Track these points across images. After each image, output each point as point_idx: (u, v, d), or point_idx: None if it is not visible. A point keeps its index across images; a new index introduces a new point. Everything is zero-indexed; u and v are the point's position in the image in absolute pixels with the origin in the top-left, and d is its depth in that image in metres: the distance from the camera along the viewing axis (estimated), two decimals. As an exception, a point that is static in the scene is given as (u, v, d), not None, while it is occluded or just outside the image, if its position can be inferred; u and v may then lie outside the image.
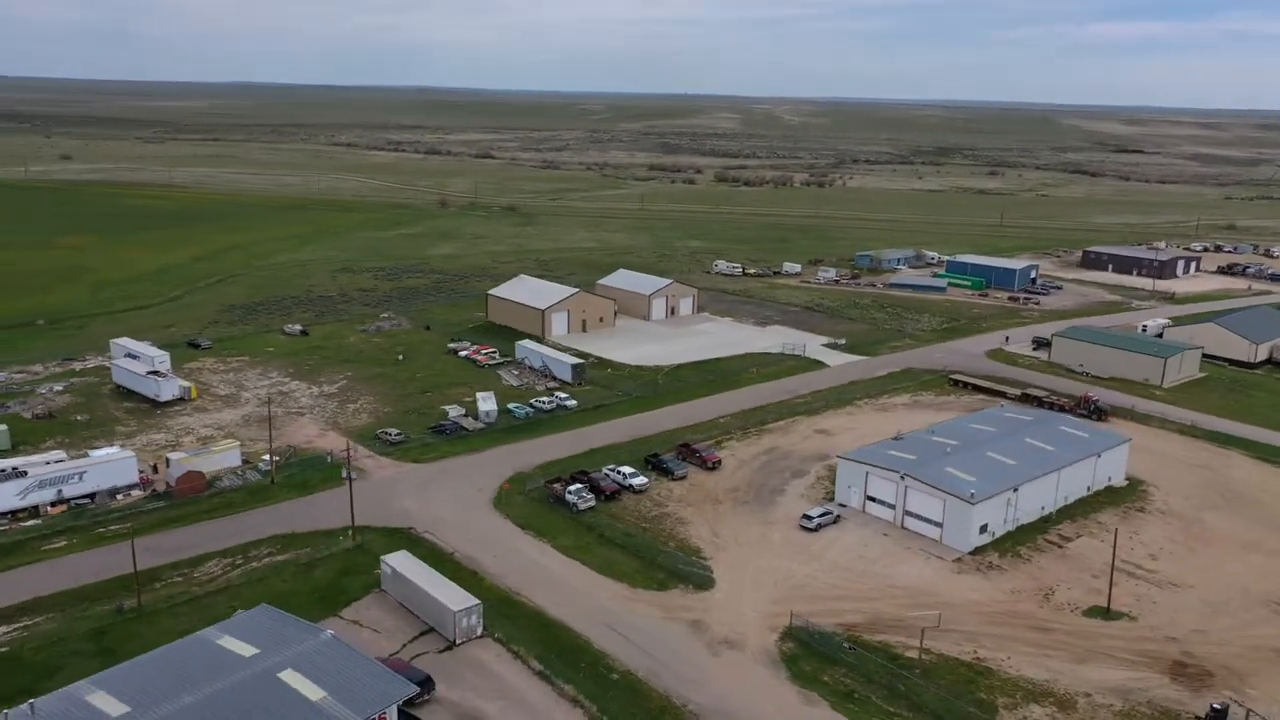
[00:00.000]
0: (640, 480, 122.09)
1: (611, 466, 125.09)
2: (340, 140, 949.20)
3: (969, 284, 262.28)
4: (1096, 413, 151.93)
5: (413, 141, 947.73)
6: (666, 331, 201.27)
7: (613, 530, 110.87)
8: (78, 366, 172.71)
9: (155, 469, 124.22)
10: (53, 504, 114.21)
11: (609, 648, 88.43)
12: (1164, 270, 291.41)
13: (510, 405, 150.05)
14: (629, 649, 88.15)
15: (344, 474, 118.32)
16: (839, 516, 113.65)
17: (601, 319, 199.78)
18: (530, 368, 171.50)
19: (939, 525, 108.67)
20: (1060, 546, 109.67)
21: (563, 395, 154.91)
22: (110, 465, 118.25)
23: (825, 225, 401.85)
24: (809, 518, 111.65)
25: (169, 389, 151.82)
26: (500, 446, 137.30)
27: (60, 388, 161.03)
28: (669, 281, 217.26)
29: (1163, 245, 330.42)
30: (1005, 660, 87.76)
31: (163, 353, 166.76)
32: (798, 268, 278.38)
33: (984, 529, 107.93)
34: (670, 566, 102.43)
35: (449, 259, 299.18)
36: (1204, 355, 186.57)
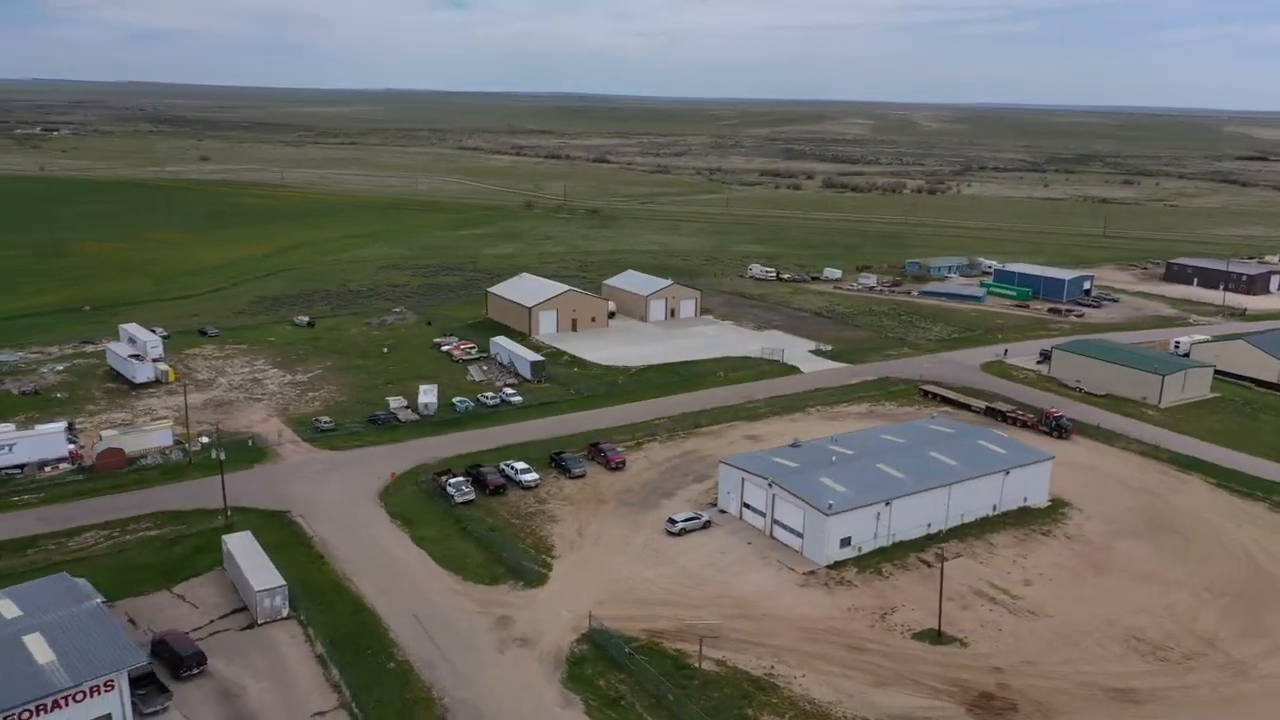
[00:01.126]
0: (531, 477, 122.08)
1: (508, 462, 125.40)
2: (467, 144, 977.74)
3: (1014, 294, 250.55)
4: (1058, 429, 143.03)
5: (536, 146, 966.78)
6: (657, 333, 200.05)
7: (478, 525, 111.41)
8: (89, 349, 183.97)
9: (81, 445, 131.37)
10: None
11: (402, 637, 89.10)
12: (1253, 285, 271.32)
13: (454, 399, 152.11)
14: (421, 640, 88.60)
15: (214, 454, 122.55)
16: (709, 522, 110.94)
17: (594, 319, 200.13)
18: (499, 364, 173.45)
19: (801, 536, 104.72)
20: (930, 566, 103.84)
21: (509, 392, 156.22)
22: (40, 439, 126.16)
23: (912, 232, 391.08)
24: (673, 522, 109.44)
25: (144, 372, 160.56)
26: (424, 439, 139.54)
27: (61, 368, 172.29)
28: (669, 283, 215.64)
29: (1256, 259, 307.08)
30: (798, 678, 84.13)
31: (156, 338, 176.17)
32: (838, 273, 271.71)
33: (846, 542, 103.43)
34: (513, 563, 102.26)
35: (501, 259, 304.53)
36: (1231, 375, 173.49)
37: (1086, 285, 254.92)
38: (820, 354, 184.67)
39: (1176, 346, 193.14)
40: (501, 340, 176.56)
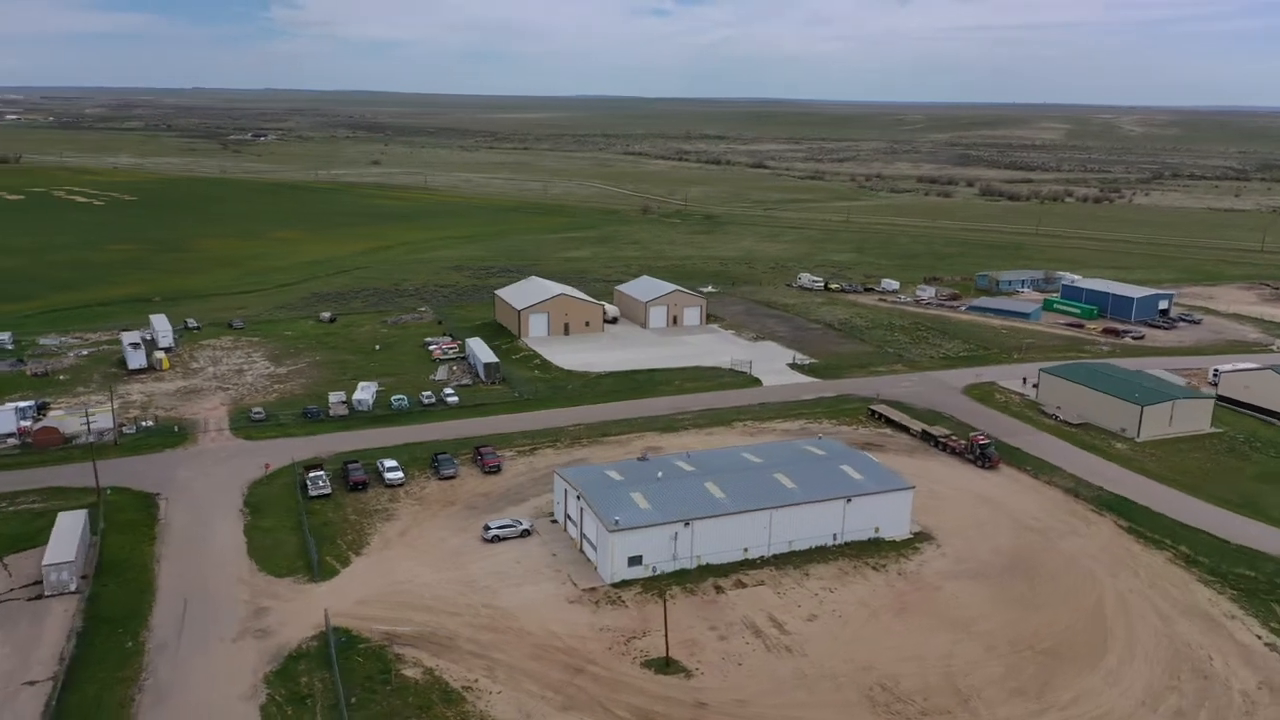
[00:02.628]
0: (396, 475, 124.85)
1: (382, 460, 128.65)
2: (634, 149, 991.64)
3: (1077, 311, 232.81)
4: (983, 458, 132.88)
5: (702, 151, 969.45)
6: (648, 339, 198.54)
7: (315, 518, 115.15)
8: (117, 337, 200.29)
9: (33, 422, 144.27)
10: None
11: (159, 619, 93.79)
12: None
13: (392, 397, 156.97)
14: (171, 623, 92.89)
15: (86, 438, 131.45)
16: (527, 531, 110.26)
17: (588, 323, 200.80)
18: (468, 364, 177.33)
19: (597, 551, 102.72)
20: (724, 592, 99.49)
21: (448, 392, 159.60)
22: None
23: (1035, 244, 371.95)
24: (487, 529, 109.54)
25: (136, 359, 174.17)
26: (341, 433, 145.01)
27: (86, 353, 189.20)
28: (671, 290, 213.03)
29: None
30: (492, 694, 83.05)
31: (168, 330, 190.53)
32: (895, 285, 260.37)
33: (636, 560, 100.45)
34: (312, 557, 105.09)
35: (570, 262, 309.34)
36: (1257, 409, 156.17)
37: (1163, 304, 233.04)
38: (797, 367, 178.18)
39: (1215, 375, 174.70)
40: (473, 341, 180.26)
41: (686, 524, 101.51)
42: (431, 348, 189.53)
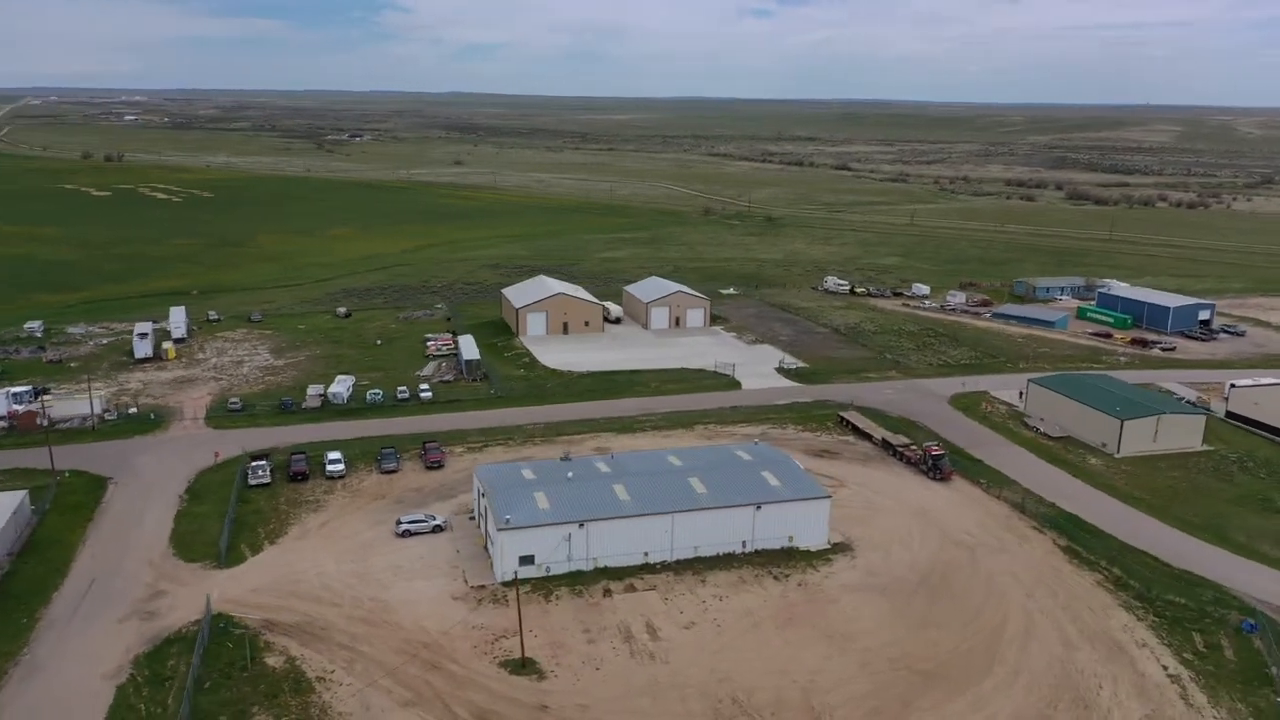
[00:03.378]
0: (337, 467, 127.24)
1: (328, 452, 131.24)
2: (718, 151, 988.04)
3: (1110, 320, 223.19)
4: (935, 469, 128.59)
5: (787, 153, 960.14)
6: (644, 340, 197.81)
7: (248, 506, 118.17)
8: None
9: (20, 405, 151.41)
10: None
11: (61, 597, 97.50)
12: None
13: (368, 391, 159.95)
14: (71, 602, 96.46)
15: (40, 422, 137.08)
16: (440, 526, 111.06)
17: (587, 323, 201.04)
18: (457, 360, 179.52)
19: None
20: (611, 596, 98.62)
21: (424, 387, 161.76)
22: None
23: (1102, 250, 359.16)
24: (399, 523, 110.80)
25: (142, 349, 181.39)
26: (308, 424, 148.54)
27: (105, 342, 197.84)
28: (674, 291, 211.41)
29: None
30: (342, 685, 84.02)
31: (181, 322, 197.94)
32: (926, 289, 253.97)
33: (528, 560, 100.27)
34: (233, 545, 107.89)
35: (606, 262, 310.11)
36: (1269, 428, 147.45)
37: (1204, 315, 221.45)
38: (783, 371, 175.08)
39: (1231, 388, 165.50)
40: (464, 339, 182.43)
41: (581, 525, 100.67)
42: (429, 344, 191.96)
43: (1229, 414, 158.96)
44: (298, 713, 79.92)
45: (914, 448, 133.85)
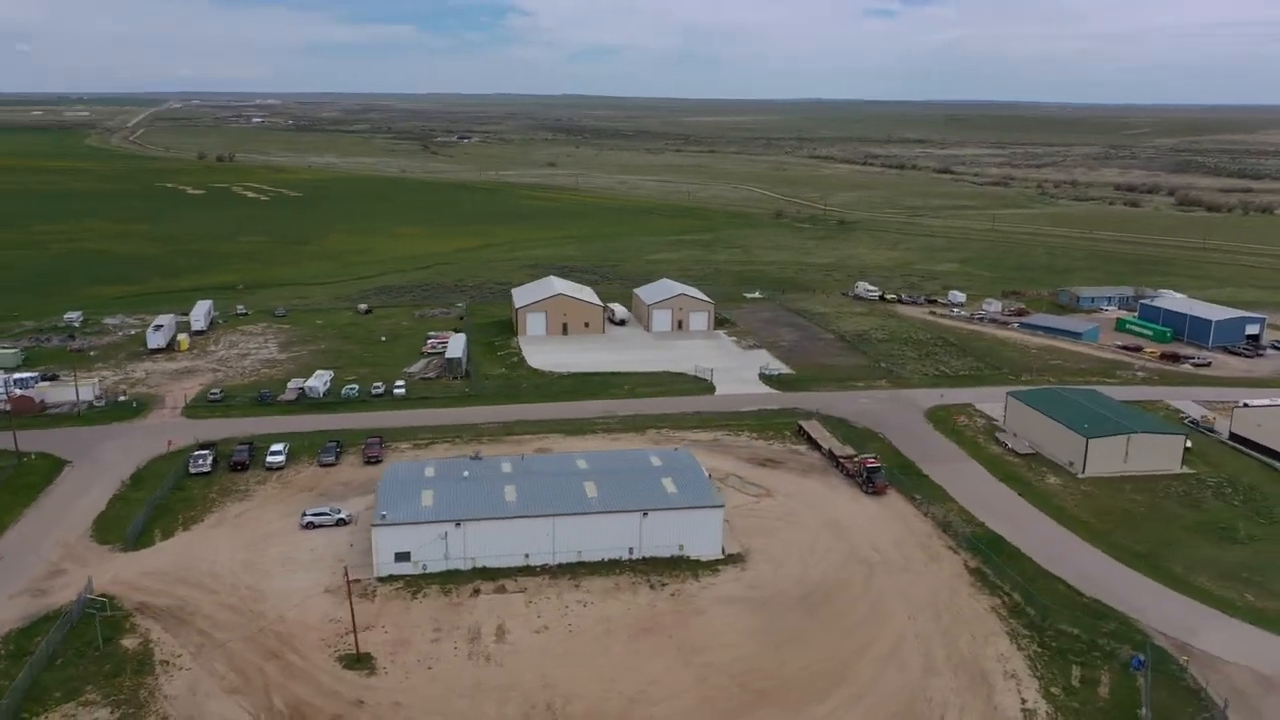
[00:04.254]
0: (277, 459, 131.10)
1: (273, 444, 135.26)
2: (818, 153, 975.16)
3: (1149, 333, 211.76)
4: (868, 482, 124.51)
5: (890, 156, 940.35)
6: (642, 342, 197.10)
7: (182, 493, 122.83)
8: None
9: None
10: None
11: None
12: None
13: (344, 387, 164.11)
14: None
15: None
16: (345, 520, 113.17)
17: (587, 324, 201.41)
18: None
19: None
20: (478, 595, 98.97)
21: (399, 384, 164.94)
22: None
23: (1188, 259, 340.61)
24: (304, 515, 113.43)
25: (154, 340, 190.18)
26: (279, 416, 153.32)
27: (134, 332, 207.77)
28: (677, 294, 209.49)
29: None
30: (182, 670, 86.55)
31: (201, 314, 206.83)
32: (961, 298, 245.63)
33: (404, 557, 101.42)
34: (136, 530, 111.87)
35: (654, 264, 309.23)
36: (1270, 452, 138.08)
37: (1252, 328, 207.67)
38: (766, 378, 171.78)
39: (1242, 406, 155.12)
40: (455, 338, 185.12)
41: (458, 524, 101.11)
42: (429, 341, 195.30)
43: (1232, 435, 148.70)
44: (128, 693, 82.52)
45: (856, 459, 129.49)
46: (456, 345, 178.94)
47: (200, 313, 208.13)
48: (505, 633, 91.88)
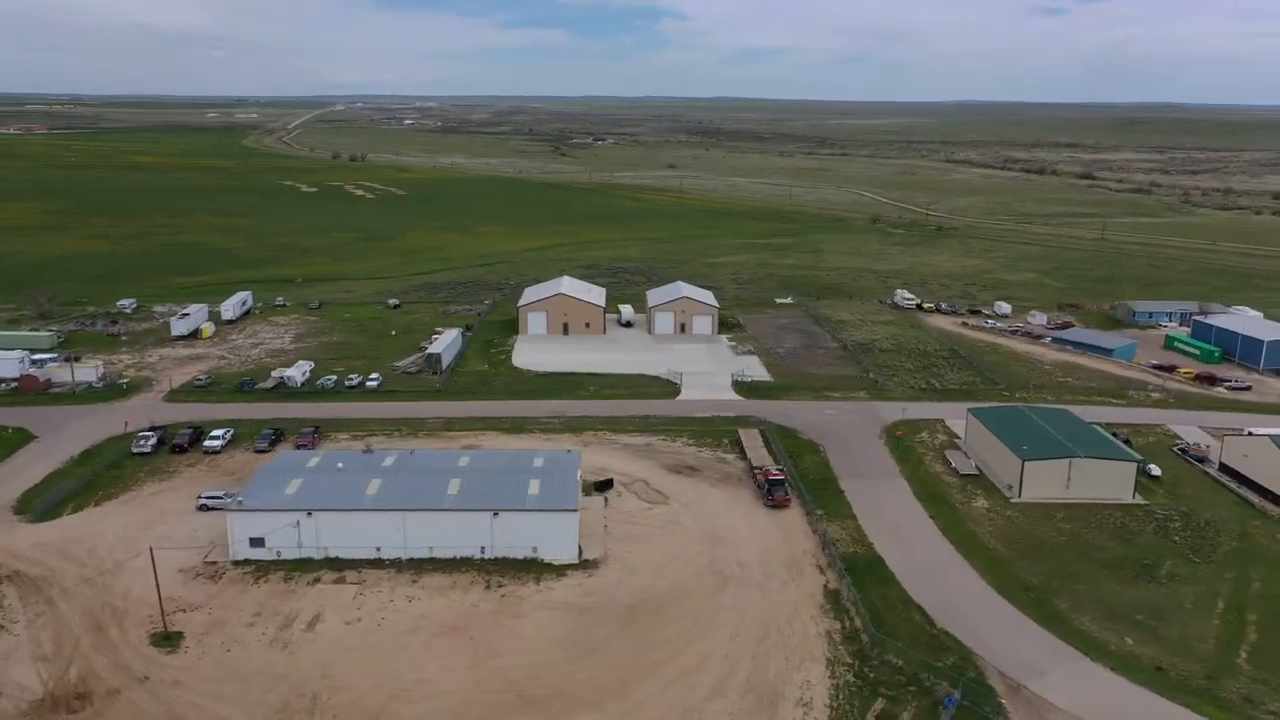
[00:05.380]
0: (215, 444, 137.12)
1: (214, 429, 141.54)
2: (955, 157, 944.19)
3: (1196, 352, 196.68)
4: (768, 495, 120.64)
5: (1031, 160, 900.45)
6: (636, 344, 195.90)
7: (114, 471, 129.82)
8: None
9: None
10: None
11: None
12: None
13: (321, 378, 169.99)
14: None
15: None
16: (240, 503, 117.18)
17: (588, 324, 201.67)
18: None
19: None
20: (316, 585, 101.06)
21: (375, 377, 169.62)
22: (2, 362, 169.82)
23: None
24: (199, 498, 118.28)
25: (178, 328, 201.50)
26: (251, 403, 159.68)
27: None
28: (680, 296, 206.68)
29: None
30: (9, 636, 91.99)
31: (232, 304, 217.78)
32: (1007, 309, 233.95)
33: (259, 542, 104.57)
34: (50, 504, 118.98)
35: (712, 267, 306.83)
36: (1252, 484, 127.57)
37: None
38: (739, 384, 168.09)
39: (1246, 434, 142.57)
40: (447, 334, 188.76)
41: (309, 514, 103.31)
42: (433, 337, 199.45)
43: (1221, 465, 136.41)
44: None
45: (760, 471, 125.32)
46: (442, 342, 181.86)
47: (234, 303, 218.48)
48: (318, 622, 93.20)
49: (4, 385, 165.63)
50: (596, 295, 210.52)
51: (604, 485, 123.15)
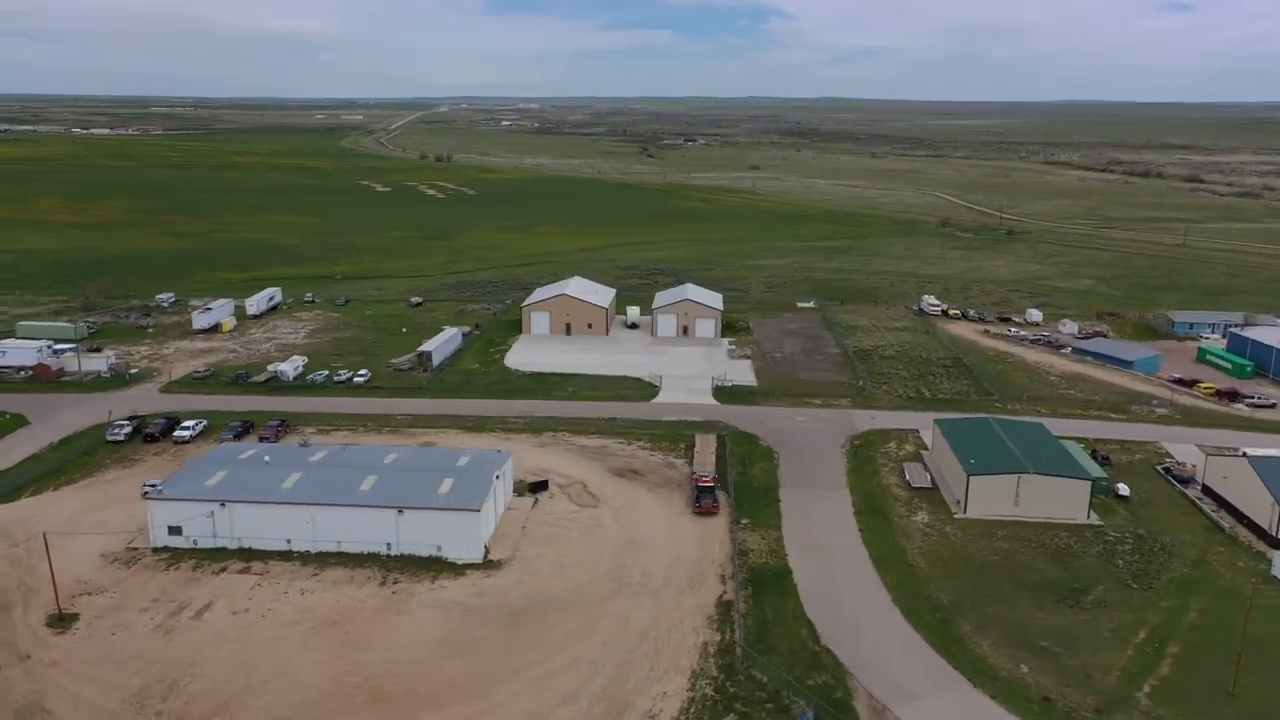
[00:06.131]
0: (184, 434, 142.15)
1: (187, 420, 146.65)
2: (1055, 159, 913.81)
3: (1229, 366, 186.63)
4: (695, 501, 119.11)
5: (1138, 162, 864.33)
6: (633, 345, 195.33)
7: (86, 457, 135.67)
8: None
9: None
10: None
11: None
12: None
13: (312, 374, 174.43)
14: None
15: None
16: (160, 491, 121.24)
17: (590, 325, 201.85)
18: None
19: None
20: (221, 574, 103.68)
21: (363, 373, 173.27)
22: (20, 351, 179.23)
23: None
24: (144, 485, 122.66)
25: (200, 321, 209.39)
26: (239, 396, 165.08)
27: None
28: (681, 299, 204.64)
29: None
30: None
31: (258, 299, 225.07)
32: (1039, 316, 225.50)
33: (176, 530, 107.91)
34: (24, 486, 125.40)
35: (751, 269, 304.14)
36: (1231, 508, 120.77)
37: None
38: (720, 389, 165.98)
39: (1242, 454, 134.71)
40: (444, 332, 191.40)
41: (223, 505, 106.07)
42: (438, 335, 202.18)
43: (1204, 488, 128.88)
44: None
45: (697, 478, 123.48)
46: (436, 340, 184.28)
47: (260, 299, 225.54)
48: (207, 611, 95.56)
49: (21, 372, 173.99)
50: (602, 296, 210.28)
51: (538, 486, 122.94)
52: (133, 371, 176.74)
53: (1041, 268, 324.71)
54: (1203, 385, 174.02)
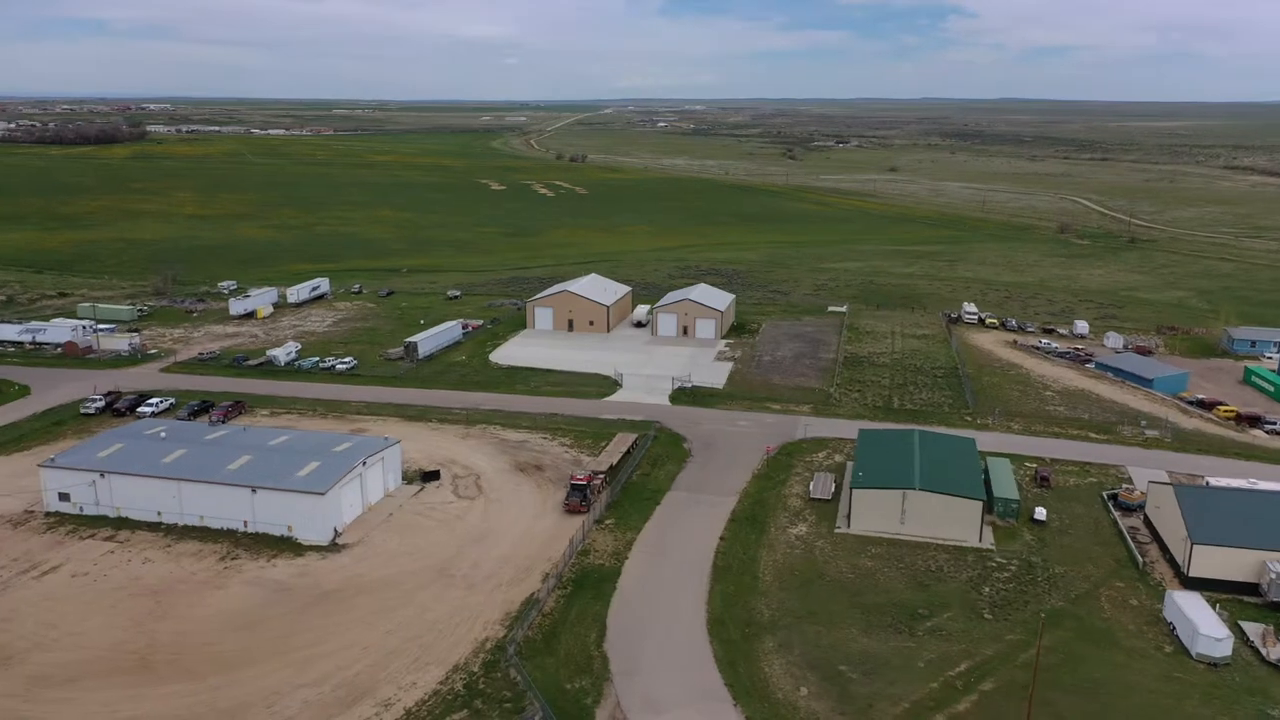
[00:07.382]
0: (148, 410, 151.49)
1: (154, 397, 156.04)
2: (1238, 163, 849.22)
3: (1271, 389, 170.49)
4: (566, 499, 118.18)
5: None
6: (629, 344, 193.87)
7: (56, 427, 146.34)
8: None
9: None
10: (29, 343, 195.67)
11: None
12: None
13: (301, 359, 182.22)
14: None
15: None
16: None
17: (592, 322, 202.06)
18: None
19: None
20: (85, 540, 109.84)
21: (348, 360, 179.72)
22: (54, 330, 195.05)
23: None
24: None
25: (236, 308, 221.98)
26: (230, 378, 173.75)
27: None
28: (682, 299, 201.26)
29: None
30: None
31: (299, 289, 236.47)
32: (1084, 328, 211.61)
33: (65, 497, 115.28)
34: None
35: (819, 272, 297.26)
36: (1155, 538, 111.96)
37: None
38: (681, 390, 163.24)
39: (1250, 483, 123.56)
40: (444, 326, 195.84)
41: (103, 475, 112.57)
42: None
43: (1145, 517, 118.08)
44: None
45: (573, 477, 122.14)
46: (430, 332, 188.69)
47: (304, 288, 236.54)
48: (53, 572, 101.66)
49: (55, 349, 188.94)
50: (610, 294, 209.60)
51: (430, 476, 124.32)
52: (151, 352, 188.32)
53: (1140, 277, 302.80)
54: (1221, 409, 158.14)
